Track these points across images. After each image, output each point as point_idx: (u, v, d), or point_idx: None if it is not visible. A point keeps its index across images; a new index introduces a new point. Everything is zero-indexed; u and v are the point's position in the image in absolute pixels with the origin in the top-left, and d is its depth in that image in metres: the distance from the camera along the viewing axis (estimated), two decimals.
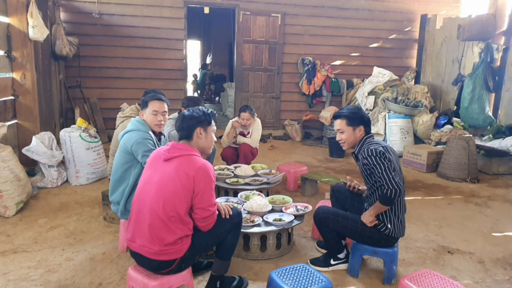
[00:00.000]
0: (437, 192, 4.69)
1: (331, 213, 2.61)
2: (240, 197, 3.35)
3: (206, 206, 2.17)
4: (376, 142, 2.57)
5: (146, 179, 2.24)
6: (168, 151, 2.23)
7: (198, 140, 2.30)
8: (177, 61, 7.55)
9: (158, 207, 2.11)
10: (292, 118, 8.02)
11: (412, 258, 3.03)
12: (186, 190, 2.11)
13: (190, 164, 2.15)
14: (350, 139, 2.66)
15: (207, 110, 2.38)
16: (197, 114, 2.31)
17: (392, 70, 7.60)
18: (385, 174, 2.42)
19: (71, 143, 4.61)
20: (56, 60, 6.52)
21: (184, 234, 2.16)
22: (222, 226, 2.32)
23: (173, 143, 2.28)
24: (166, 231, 2.11)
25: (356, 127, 2.62)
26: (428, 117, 6.50)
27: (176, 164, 2.16)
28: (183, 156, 2.19)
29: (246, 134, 4.84)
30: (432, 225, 3.66)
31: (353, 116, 2.63)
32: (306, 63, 7.83)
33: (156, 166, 2.25)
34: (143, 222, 2.15)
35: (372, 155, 2.45)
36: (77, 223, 3.56)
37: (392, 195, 2.40)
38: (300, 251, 3.10)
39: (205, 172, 2.15)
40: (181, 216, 2.13)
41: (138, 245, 2.17)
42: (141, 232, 2.16)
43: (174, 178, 2.12)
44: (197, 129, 2.28)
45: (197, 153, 2.26)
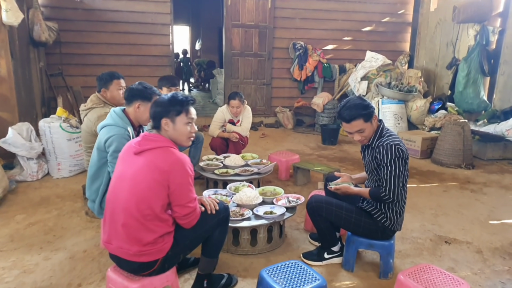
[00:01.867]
0: (432, 179, 4.58)
1: (324, 202, 2.47)
2: (229, 189, 3.19)
3: (185, 203, 1.98)
4: (394, 136, 2.38)
5: (118, 175, 2.04)
6: (139, 143, 2.01)
7: (166, 131, 2.04)
8: (164, 47, 7.28)
9: (131, 205, 1.92)
10: (283, 105, 7.84)
11: (409, 249, 2.91)
12: (160, 186, 1.91)
13: (163, 158, 1.93)
14: (370, 133, 2.43)
15: (179, 97, 2.06)
16: (164, 102, 2.04)
17: (385, 54, 7.42)
18: (392, 181, 2.28)
19: (51, 134, 4.38)
20: (35, 47, 6.21)
21: (164, 231, 1.99)
22: (207, 222, 2.15)
23: (144, 134, 2.06)
24: (143, 230, 1.94)
25: (372, 119, 2.40)
26: (422, 102, 6.36)
27: (148, 158, 1.94)
28: (156, 149, 1.97)
29: (236, 122, 4.65)
30: (428, 214, 3.55)
31: (366, 111, 2.35)
32: (297, 48, 7.61)
33: (127, 160, 2.03)
34: (117, 222, 1.97)
35: (393, 154, 2.27)
36: (58, 218, 3.37)
37: (384, 200, 2.32)
38: (292, 244, 2.96)
39: (180, 166, 1.94)
40: (157, 213, 1.95)
41: (115, 246, 2.00)
42: (117, 232, 1.98)
43: (146, 174, 1.92)
44: (162, 120, 2.02)
45: (171, 144, 2.02)
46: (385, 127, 2.46)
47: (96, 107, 3.34)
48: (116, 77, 3.37)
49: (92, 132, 3.26)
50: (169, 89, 4.02)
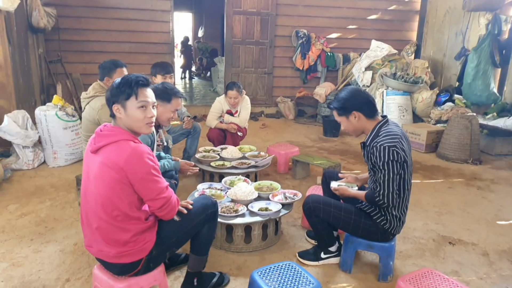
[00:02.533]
0: (436, 175, 4.44)
1: (322, 203, 2.34)
2: (224, 183, 3.08)
3: (155, 196, 1.81)
4: (392, 136, 2.18)
5: (84, 177, 1.89)
6: (94, 140, 1.84)
7: (120, 119, 1.85)
8: (164, 34, 7.13)
9: (98, 208, 1.80)
10: (285, 95, 7.68)
11: (410, 249, 2.79)
12: (121, 184, 1.76)
13: (117, 154, 1.74)
14: (350, 128, 2.35)
15: (128, 79, 1.84)
16: (113, 87, 1.84)
17: (391, 43, 7.20)
18: (386, 185, 2.16)
19: (47, 123, 4.30)
20: (33, 33, 6.09)
21: (140, 229, 1.86)
22: (194, 218, 2.04)
23: (98, 129, 1.88)
24: (117, 231, 1.82)
25: (348, 115, 2.30)
26: (428, 94, 6.18)
27: (104, 156, 1.77)
28: (109, 145, 1.77)
29: (234, 113, 4.52)
30: (431, 212, 3.42)
31: (340, 105, 2.30)
32: (300, 36, 7.42)
33: (88, 159, 1.88)
34: (92, 226, 1.86)
35: (385, 157, 2.13)
36: (50, 209, 3.29)
37: (379, 204, 2.21)
38: (288, 242, 2.85)
39: (137, 160, 1.74)
40: (127, 212, 1.81)
41: (95, 250, 1.89)
42: (94, 236, 1.87)
43: (104, 174, 1.76)
44: (113, 106, 1.84)
45: (127, 136, 1.81)
46: (385, 126, 2.26)
47: (100, 95, 3.26)
48: (120, 66, 3.31)
49: (94, 121, 3.19)
50: (163, 77, 3.91)
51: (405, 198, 2.29)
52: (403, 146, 2.19)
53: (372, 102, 2.31)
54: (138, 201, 1.86)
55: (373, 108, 2.30)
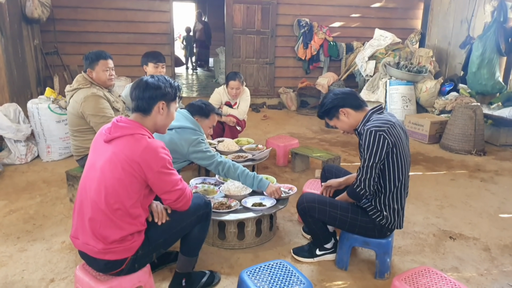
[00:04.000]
0: (439, 166, 4.31)
1: (317, 202, 2.23)
2: (218, 178, 2.98)
3: (170, 188, 1.81)
4: (383, 121, 2.09)
5: (90, 164, 1.86)
6: (109, 130, 1.81)
7: (157, 116, 1.89)
8: (162, 24, 7.00)
9: (100, 198, 1.74)
10: (287, 86, 7.54)
11: (409, 245, 2.69)
12: (132, 178, 1.73)
13: (133, 147, 1.73)
14: (345, 127, 2.28)
15: (174, 82, 1.97)
16: (163, 84, 1.89)
17: (394, 32, 7.02)
18: (366, 170, 2.07)
19: (39, 116, 4.20)
20: (28, 24, 5.99)
21: (135, 230, 1.80)
22: (185, 219, 1.96)
23: (115, 120, 1.85)
24: (111, 226, 1.75)
25: (337, 114, 2.25)
26: (432, 84, 6.01)
27: (118, 147, 1.75)
28: (126, 137, 1.77)
29: (233, 105, 4.41)
30: (432, 205, 3.31)
31: (324, 110, 2.28)
32: (302, 25, 7.25)
33: (98, 148, 1.85)
34: (85, 216, 1.79)
35: (371, 140, 2.04)
36: (40, 205, 3.22)
37: (358, 192, 2.12)
38: (283, 238, 2.76)
39: (153, 154, 1.74)
40: (128, 208, 1.75)
41: (81, 242, 1.82)
42: (83, 227, 1.80)
43: (116, 165, 1.73)
44: (159, 103, 1.87)
45: (145, 131, 1.83)
46: (378, 113, 2.18)
47: (83, 88, 3.13)
48: (103, 57, 3.15)
49: (78, 114, 3.08)
50: (155, 65, 3.78)
51: (402, 189, 2.17)
52: (394, 132, 2.08)
53: (355, 94, 2.27)
54: (144, 198, 1.82)
55: (358, 99, 2.25)
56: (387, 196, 2.16)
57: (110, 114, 3.05)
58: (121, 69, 6.06)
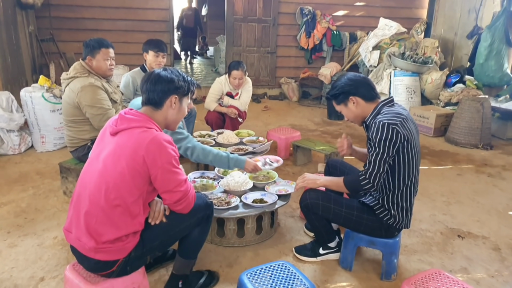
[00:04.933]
0: (445, 161, 4.19)
1: (321, 199, 2.11)
2: (217, 172, 2.86)
3: (172, 187, 1.70)
4: (395, 114, 1.97)
5: (93, 157, 1.77)
6: (116, 122, 1.73)
7: (169, 110, 1.82)
8: (161, 11, 6.80)
9: (100, 193, 1.64)
10: (288, 76, 7.37)
11: (416, 243, 2.58)
12: (135, 173, 1.63)
13: (138, 140, 1.64)
14: (350, 116, 2.16)
15: (187, 76, 1.90)
16: (176, 78, 1.81)
17: (400, 21, 6.81)
18: (375, 164, 1.94)
19: (33, 105, 4.07)
20: (22, 9, 5.80)
21: (132, 230, 1.69)
22: (183, 221, 1.84)
23: (122, 112, 1.76)
24: (107, 224, 1.65)
25: (346, 101, 2.11)
26: (438, 75, 5.85)
27: (122, 140, 1.67)
28: (132, 129, 1.68)
29: (234, 95, 4.27)
30: (439, 202, 3.20)
31: (335, 92, 2.13)
32: (305, 14, 7.05)
33: (103, 141, 1.77)
34: (81, 209, 1.69)
35: (383, 134, 1.91)
36: (32, 198, 3.10)
37: (363, 185, 1.98)
38: (285, 235, 2.65)
39: (159, 147, 1.64)
40: (128, 205, 1.65)
41: (74, 237, 1.72)
42: (78, 221, 1.70)
43: (119, 157, 1.64)
44: (172, 96, 1.80)
45: (153, 125, 1.73)
46: (389, 105, 2.06)
47: (80, 77, 2.99)
48: (105, 46, 3.00)
49: (74, 104, 2.95)
50: (156, 54, 3.65)
51: (412, 187, 2.06)
52: (406, 126, 1.96)
53: (370, 84, 2.11)
54: (147, 195, 1.72)
55: (372, 90, 2.10)
56: (396, 194, 2.05)
57: (107, 106, 2.93)
58: (118, 57, 5.83)
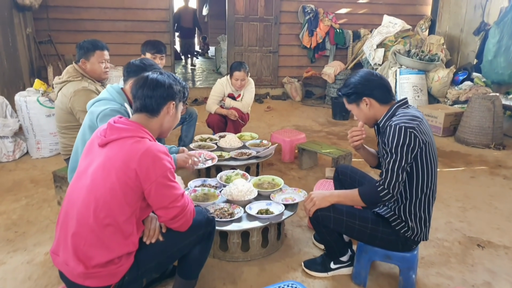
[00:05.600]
0: (456, 162, 4.02)
1: (333, 211, 1.95)
2: (219, 179, 2.70)
3: (167, 204, 1.54)
4: (413, 116, 1.83)
5: (80, 171, 1.62)
6: (105, 132, 1.58)
7: (165, 117, 1.70)
8: (161, 11, 6.65)
9: (88, 211, 1.49)
10: (291, 75, 7.21)
11: (433, 255, 2.42)
12: (127, 188, 1.48)
13: (130, 151, 1.49)
14: (360, 117, 2.03)
15: (182, 80, 1.79)
16: (173, 82, 1.70)
17: (404, 18, 6.65)
18: (393, 172, 1.78)
19: (28, 110, 3.92)
20: (19, 11, 5.67)
21: (125, 251, 1.53)
22: (182, 239, 1.68)
23: (111, 120, 1.62)
24: (98, 246, 1.50)
25: (358, 101, 1.97)
26: (445, 73, 5.69)
27: (112, 151, 1.52)
28: (122, 140, 1.53)
29: (237, 97, 4.11)
30: (454, 207, 3.03)
31: (349, 91, 1.98)
32: (307, 12, 6.89)
33: (91, 153, 1.62)
34: (68, 229, 1.54)
35: (400, 138, 1.77)
36: (25, 209, 2.95)
37: (382, 196, 1.80)
38: (292, 247, 2.49)
39: (153, 159, 1.49)
40: (120, 224, 1.50)
41: (61, 260, 1.56)
42: (65, 243, 1.55)
43: (109, 172, 1.49)
44: (170, 103, 1.68)
45: (146, 134, 1.59)
46: (403, 107, 1.92)
47: (73, 81, 2.87)
48: (100, 48, 2.88)
49: (67, 110, 2.82)
50: (153, 56, 3.51)
51: (430, 195, 1.91)
52: (423, 130, 1.82)
53: (387, 86, 1.96)
54: (141, 212, 1.57)
55: (388, 93, 1.96)
56: (413, 203, 1.89)
57: None
58: (118, 59, 5.73)
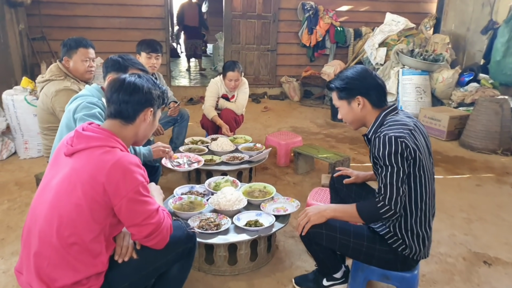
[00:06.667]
0: (461, 169, 3.84)
1: (325, 227, 1.77)
2: (207, 187, 2.53)
3: (140, 221, 1.38)
4: (403, 124, 1.68)
5: (44, 183, 1.46)
6: (72, 140, 1.42)
7: (141, 125, 1.56)
8: (156, 8, 6.48)
9: (51, 229, 1.34)
10: (290, 74, 7.03)
11: (435, 272, 2.24)
12: (95, 204, 1.33)
13: (98, 163, 1.34)
14: (348, 117, 1.85)
15: (160, 84, 1.64)
16: (152, 87, 1.56)
17: (408, 16, 6.45)
18: (391, 186, 1.61)
19: (15, 108, 3.78)
20: (11, 7, 5.51)
21: (93, 272, 1.38)
22: (159, 258, 1.53)
23: (80, 127, 1.46)
24: (62, 266, 1.35)
25: (350, 99, 1.79)
26: (450, 73, 5.49)
27: (79, 163, 1.37)
28: (90, 149, 1.38)
29: (231, 98, 3.94)
30: (458, 218, 2.85)
31: (343, 84, 1.80)
32: (307, 9, 6.70)
33: (56, 163, 1.46)
34: (30, 248, 1.39)
35: (391, 149, 1.60)
36: (6, 214, 2.81)
37: (383, 213, 1.63)
38: (284, 260, 2.32)
39: (123, 172, 1.34)
40: (87, 244, 1.35)
41: (24, 281, 1.42)
42: (28, 262, 1.40)
43: (74, 186, 1.34)
44: (148, 110, 1.55)
45: (117, 143, 1.44)
46: (392, 114, 1.76)
47: (55, 80, 2.73)
48: (83, 45, 2.73)
49: (48, 110, 2.70)
50: (148, 56, 3.35)
51: (427, 210, 1.73)
52: (416, 141, 1.65)
53: (384, 89, 1.80)
54: (110, 229, 1.41)
55: (384, 96, 1.80)
56: (409, 219, 1.71)
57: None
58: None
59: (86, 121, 1.56)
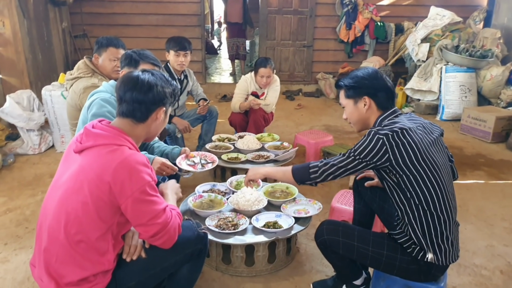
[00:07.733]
0: (506, 174, 3.55)
1: (342, 235, 1.67)
2: (229, 185, 2.50)
3: (146, 221, 1.36)
4: (398, 125, 1.57)
5: (55, 180, 1.48)
6: (81, 137, 1.42)
7: (152, 124, 1.53)
8: (193, 5, 6.56)
9: (58, 226, 1.35)
10: (326, 71, 6.85)
11: (467, 284, 2.07)
12: (101, 203, 1.33)
13: (105, 162, 1.33)
14: (353, 116, 1.77)
15: (171, 80, 1.59)
16: (166, 85, 1.53)
17: (454, 10, 6.08)
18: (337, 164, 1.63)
19: (52, 104, 3.94)
20: (55, 6, 5.79)
21: (100, 269, 1.38)
22: (167, 259, 1.50)
23: (90, 125, 1.45)
24: (69, 263, 1.36)
25: (357, 98, 1.71)
26: (499, 71, 5.11)
27: (86, 161, 1.36)
28: (98, 147, 1.37)
29: (260, 95, 3.89)
30: (499, 228, 2.63)
31: (352, 83, 1.73)
32: (345, 3, 6.50)
33: (68, 160, 1.47)
34: (41, 244, 1.42)
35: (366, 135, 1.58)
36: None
37: (309, 176, 1.68)
38: (303, 264, 2.24)
39: (129, 171, 1.32)
40: (93, 242, 1.35)
41: (37, 274, 1.45)
42: (39, 257, 1.43)
43: (81, 184, 1.34)
44: (161, 109, 1.52)
45: (125, 141, 1.42)
46: (392, 116, 1.67)
47: (83, 77, 2.81)
48: (114, 45, 2.76)
49: (76, 106, 2.77)
50: (176, 54, 3.37)
51: (443, 213, 1.57)
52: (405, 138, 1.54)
53: (392, 92, 1.73)
54: (118, 228, 1.41)
55: (391, 99, 1.73)
56: (425, 222, 1.57)
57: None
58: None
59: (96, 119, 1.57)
